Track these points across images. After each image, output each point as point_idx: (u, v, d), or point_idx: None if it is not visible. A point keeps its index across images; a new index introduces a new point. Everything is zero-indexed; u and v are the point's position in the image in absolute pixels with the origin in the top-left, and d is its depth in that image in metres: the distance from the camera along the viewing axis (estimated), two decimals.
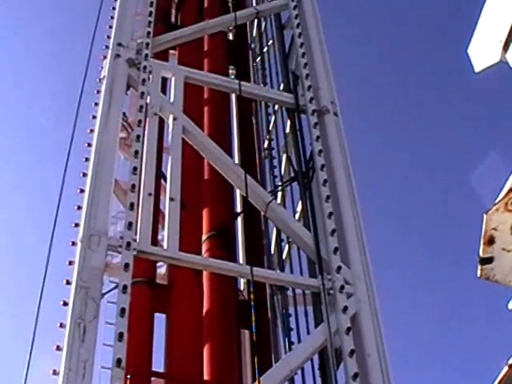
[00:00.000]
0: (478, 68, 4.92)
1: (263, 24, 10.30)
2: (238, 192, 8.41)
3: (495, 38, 4.78)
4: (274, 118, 9.12)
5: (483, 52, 4.89)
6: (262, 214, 7.33)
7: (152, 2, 8.46)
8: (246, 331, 7.68)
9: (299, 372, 6.30)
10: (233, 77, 10.00)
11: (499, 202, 4.07)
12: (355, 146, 8.28)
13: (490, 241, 4.13)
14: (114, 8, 8.44)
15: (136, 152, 6.50)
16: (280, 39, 9.29)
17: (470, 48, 5.03)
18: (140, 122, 6.81)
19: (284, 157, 8.65)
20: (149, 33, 7.97)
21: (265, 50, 10.15)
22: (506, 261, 4.14)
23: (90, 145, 6.81)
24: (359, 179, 7.50)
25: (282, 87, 8.77)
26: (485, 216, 4.07)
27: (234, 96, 9.36)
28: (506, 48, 4.66)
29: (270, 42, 9.94)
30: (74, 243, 5.93)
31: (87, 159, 6.69)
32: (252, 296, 6.70)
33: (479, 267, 4.17)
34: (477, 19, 5.02)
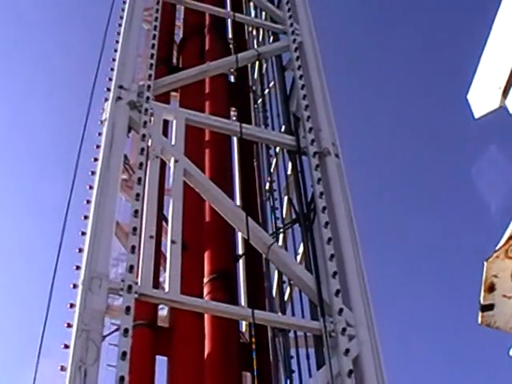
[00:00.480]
0: (477, 114, 5.04)
1: (264, 66, 10.49)
2: (239, 234, 8.50)
3: (494, 85, 4.89)
4: (275, 159, 9.24)
5: (483, 98, 5.00)
6: (264, 256, 7.39)
7: (153, 45, 8.65)
8: (248, 374, 7.71)
9: None
10: (234, 118, 10.17)
11: (499, 249, 4.15)
12: (357, 187, 8.39)
13: (491, 288, 4.20)
14: (115, 50, 8.59)
15: (137, 195, 6.62)
16: (281, 81, 9.47)
17: (469, 94, 5.15)
18: (141, 164, 6.93)
19: (285, 199, 8.76)
20: (150, 75, 8.11)
21: (266, 91, 10.32)
22: (506, 308, 4.20)
23: (91, 187, 6.91)
24: (360, 220, 7.61)
25: (283, 129, 8.92)
26: (485, 263, 4.15)
27: (235, 138, 9.49)
28: (505, 94, 4.77)
29: (272, 84, 10.11)
30: (75, 286, 6.02)
31: (88, 201, 6.80)
32: (253, 339, 6.77)
33: (480, 314, 4.23)
34: (476, 65, 5.15)
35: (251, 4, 11.39)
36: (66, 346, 5.56)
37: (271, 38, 10.37)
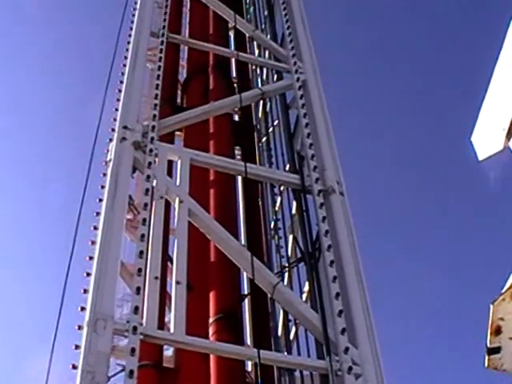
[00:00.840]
0: (481, 156, 5.11)
1: (268, 104, 10.64)
2: (244, 274, 8.57)
3: (498, 126, 4.96)
4: (280, 198, 9.34)
5: (486, 140, 5.08)
6: (269, 296, 7.45)
7: (158, 85, 8.77)
8: None
9: None
10: (239, 157, 10.30)
11: (505, 292, 4.20)
12: (361, 225, 8.48)
13: (497, 331, 4.25)
14: (119, 90, 8.73)
15: (142, 235, 6.69)
16: (285, 119, 9.60)
17: (473, 136, 5.23)
18: (146, 205, 7.01)
19: (290, 237, 8.83)
20: (155, 116, 8.23)
21: (270, 130, 10.44)
22: None
23: (96, 228, 7.00)
24: (365, 258, 7.68)
25: (287, 167, 9.02)
26: (491, 306, 4.20)
27: (239, 177, 9.59)
28: (509, 136, 4.84)
29: (276, 122, 10.23)
30: (80, 327, 6.08)
31: (93, 242, 6.88)
32: (259, 379, 6.81)
33: (486, 357, 4.27)
34: (479, 107, 5.24)
35: (255, 43, 11.56)
36: None
37: (275, 76, 10.53)
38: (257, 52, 11.60)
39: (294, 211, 8.61)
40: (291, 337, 8.11)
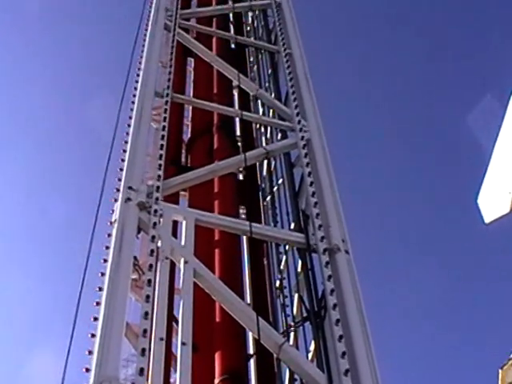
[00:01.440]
0: (487, 219, 5.25)
1: (273, 163, 10.82)
2: (250, 333, 8.65)
3: (504, 190, 5.11)
4: (285, 257, 9.46)
5: (493, 203, 5.22)
6: (275, 355, 7.54)
7: (162, 145, 8.98)
8: None
9: None
10: (243, 216, 10.45)
11: None
12: (367, 283, 8.60)
13: None
14: (124, 150, 8.93)
15: (147, 297, 6.82)
16: (290, 178, 9.77)
17: (479, 199, 5.37)
18: (151, 266, 7.15)
19: (296, 296, 8.93)
20: (159, 176, 8.41)
21: (275, 188, 10.60)
22: None
23: (101, 289, 7.12)
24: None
25: (292, 226, 9.17)
26: (500, 371, 4.32)
27: (244, 239, 9.74)
28: None
29: (280, 181, 10.40)
30: None
31: (98, 303, 6.99)
32: None
33: None
34: (485, 170, 5.40)
35: (259, 101, 11.81)
36: None
37: (279, 134, 10.75)
38: (261, 110, 11.84)
39: (299, 270, 8.73)
40: None
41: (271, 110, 11.15)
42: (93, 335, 6.68)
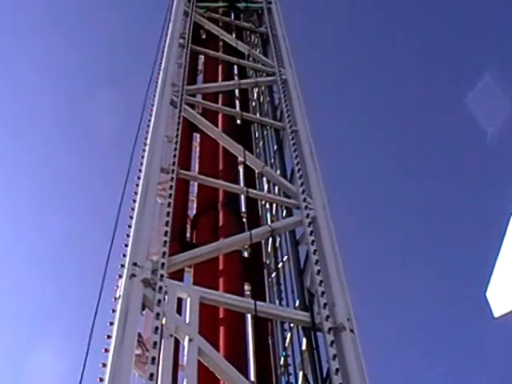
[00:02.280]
0: (497, 313, 5.35)
1: (278, 240, 11.01)
2: None
3: None
4: (289, 334, 9.57)
5: (502, 297, 5.33)
6: None
7: (167, 222, 9.18)
8: None
9: None
10: (248, 293, 10.59)
11: None
12: (373, 362, 8.71)
13: None
14: (129, 226, 9.12)
15: (151, 375, 6.94)
16: (295, 255, 9.96)
17: (488, 292, 5.49)
18: (155, 343, 7.28)
19: (300, 374, 9.01)
20: (164, 253, 8.58)
21: (280, 265, 10.77)
22: None
23: (104, 365, 7.24)
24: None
25: (297, 303, 9.31)
26: None
27: (249, 316, 9.87)
28: None
29: (285, 258, 10.58)
30: None
31: (101, 379, 7.11)
32: None
33: None
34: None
35: (264, 178, 12.07)
36: None
37: (284, 211, 10.97)
38: (266, 187, 12.09)
39: (304, 348, 8.84)
40: None
41: (277, 187, 11.39)
42: None
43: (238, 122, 13.64)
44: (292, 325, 9.43)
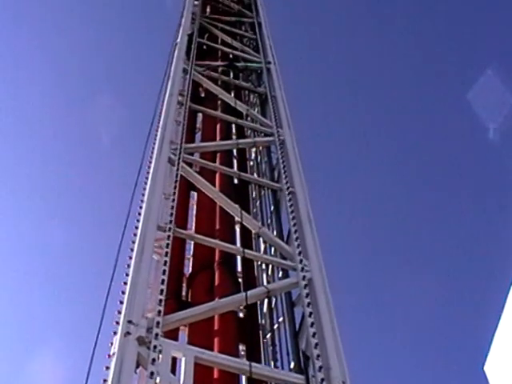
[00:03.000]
0: None
1: (273, 300, 11.11)
2: None
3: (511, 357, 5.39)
4: None
5: (500, 371, 5.47)
6: None
7: (163, 280, 9.26)
8: None
9: None
10: (243, 353, 10.65)
11: None
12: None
13: None
14: (125, 283, 9.21)
15: None
16: (290, 317, 10.06)
17: (486, 366, 5.63)
18: None
19: None
20: (159, 311, 8.65)
21: (275, 326, 10.85)
22: None
23: None
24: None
25: (292, 365, 9.38)
26: None
27: (243, 377, 9.92)
28: None
29: (281, 319, 10.66)
30: None
31: None
32: None
33: None
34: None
35: (261, 239, 12.21)
36: None
37: (280, 272, 11.09)
38: (262, 247, 12.22)
39: None
40: None
41: (273, 248, 11.52)
42: None
43: (236, 181, 13.83)
44: None
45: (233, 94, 16.59)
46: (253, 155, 15.50)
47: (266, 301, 11.29)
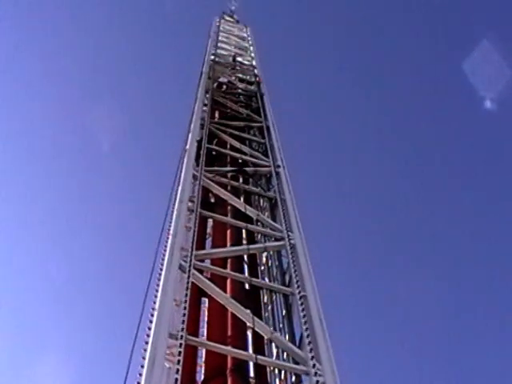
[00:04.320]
0: None
1: None
2: None
3: None
4: None
5: None
6: None
7: None
8: None
9: None
10: None
11: None
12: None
13: None
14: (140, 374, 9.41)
15: None
16: None
17: None
18: None
19: None
20: None
21: None
22: None
23: None
24: None
25: None
26: None
27: None
28: None
29: None
30: None
31: None
32: None
33: None
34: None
35: (273, 344, 12.39)
36: None
37: (293, 377, 11.27)
38: (275, 352, 12.39)
39: None
40: None
41: (285, 353, 11.70)
42: None
43: (247, 286, 14.05)
44: None
45: (242, 199, 16.92)
46: (264, 260, 15.74)
47: None
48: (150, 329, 10.67)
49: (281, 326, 13.06)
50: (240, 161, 18.50)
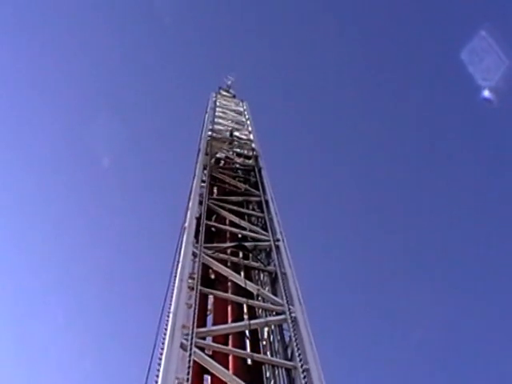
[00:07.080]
0: None
1: None
2: None
3: None
4: None
5: None
6: None
7: None
8: None
9: None
10: None
11: None
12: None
13: None
14: None
15: None
16: None
17: None
18: None
19: None
20: None
21: None
22: None
23: None
24: None
25: None
26: None
27: None
28: None
29: None
30: None
31: None
32: None
33: None
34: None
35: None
36: None
37: None
38: None
39: None
40: None
41: None
42: None
43: (249, 361, 14.23)
44: None
45: (243, 274, 17.13)
46: (265, 334, 15.91)
47: None
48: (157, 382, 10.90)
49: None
50: (239, 236, 18.74)
